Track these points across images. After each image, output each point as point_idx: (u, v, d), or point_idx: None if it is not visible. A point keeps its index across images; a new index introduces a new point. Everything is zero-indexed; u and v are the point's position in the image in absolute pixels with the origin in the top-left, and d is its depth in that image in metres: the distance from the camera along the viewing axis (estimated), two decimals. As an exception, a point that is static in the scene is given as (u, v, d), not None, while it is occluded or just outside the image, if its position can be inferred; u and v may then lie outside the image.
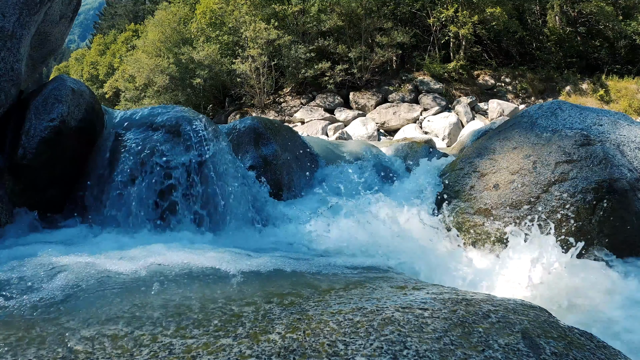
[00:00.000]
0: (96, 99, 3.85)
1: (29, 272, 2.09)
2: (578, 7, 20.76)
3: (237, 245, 3.10)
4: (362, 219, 3.84)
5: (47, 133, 3.27)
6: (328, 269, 2.42)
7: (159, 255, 2.52)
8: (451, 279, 2.88)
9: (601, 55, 20.61)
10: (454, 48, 19.76)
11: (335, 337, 1.28)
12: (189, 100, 21.50)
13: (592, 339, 1.43)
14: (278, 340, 1.27)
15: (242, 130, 4.35)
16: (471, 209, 3.76)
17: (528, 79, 19.65)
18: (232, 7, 20.34)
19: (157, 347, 1.28)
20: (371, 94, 19.09)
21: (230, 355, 1.19)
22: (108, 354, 1.25)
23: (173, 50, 21.91)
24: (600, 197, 3.40)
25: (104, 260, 2.30)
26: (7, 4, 3.17)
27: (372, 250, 3.13)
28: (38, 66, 3.94)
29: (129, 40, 30.44)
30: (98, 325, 1.47)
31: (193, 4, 23.83)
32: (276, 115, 19.26)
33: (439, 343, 1.26)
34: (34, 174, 3.28)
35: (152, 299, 1.76)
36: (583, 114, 3.95)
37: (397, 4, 20.29)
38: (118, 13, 40.98)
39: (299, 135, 5.01)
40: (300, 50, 18.97)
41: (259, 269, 2.29)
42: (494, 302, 1.57)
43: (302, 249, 3.16)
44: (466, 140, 5.92)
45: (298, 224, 3.72)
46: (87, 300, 1.75)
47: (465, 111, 17.08)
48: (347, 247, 3.23)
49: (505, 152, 3.88)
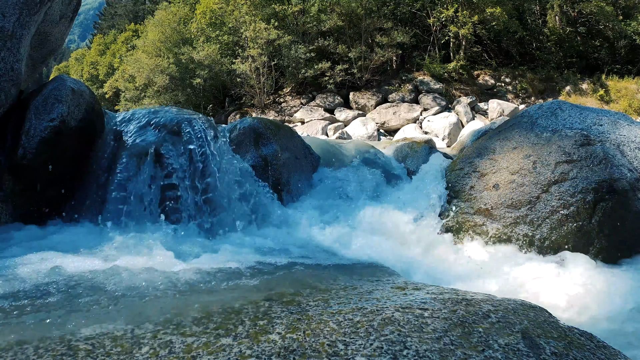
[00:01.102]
0: (96, 99, 3.85)
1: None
2: (578, 7, 20.75)
3: (237, 244, 3.10)
4: (361, 219, 3.84)
5: (47, 133, 3.27)
6: (328, 268, 2.42)
7: (159, 255, 2.52)
8: (451, 279, 2.88)
9: (601, 55, 20.60)
10: (454, 48, 19.75)
11: (335, 337, 1.28)
12: (189, 100, 21.50)
13: (592, 339, 1.43)
14: (278, 340, 1.26)
15: (242, 130, 4.35)
16: (471, 209, 3.76)
17: (528, 79, 19.64)
18: (232, 7, 20.33)
19: (157, 344, 1.28)
20: (371, 94, 19.09)
21: (230, 355, 1.19)
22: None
23: (173, 50, 21.90)
24: (600, 197, 3.40)
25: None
26: (7, 4, 3.17)
27: (372, 251, 3.13)
28: (38, 66, 3.94)
29: (129, 40, 30.43)
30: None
31: (193, 4, 23.82)
32: (276, 115, 19.26)
33: (439, 343, 1.25)
34: (34, 174, 3.28)
35: (152, 304, 1.76)
36: (583, 114, 3.95)
37: (397, 4, 20.28)
38: (118, 13, 40.98)
39: (299, 135, 5.01)
40: (300, 50, 18.97)
41: (260, 268, 2.29)
42: (494, 302, 1.57)
43: (301, 249, 3.16)
44: (466, 140, 5.92)
45: (298, 224, 3.72)
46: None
47: (465, 111, 17.08)
48: (347, 247, 3.23)
49: (505, 152, 3.88)
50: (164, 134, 3.54)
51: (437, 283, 2.24)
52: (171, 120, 3.64)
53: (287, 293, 1.79)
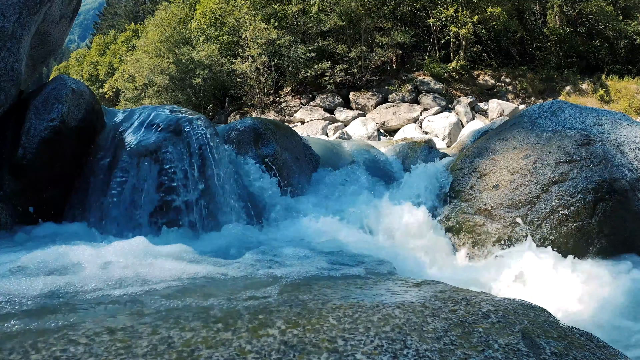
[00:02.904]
0: (96, 99, 3.85)
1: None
2: (578, 7, 20.75)
3: (237, 244, 3.10)
4: (362, 218, 3.84)
5: (47, 133, 3.27)
6: (328, 266, 2.42)
7: (156, 257, 2.53)
8: (451, 278, 2.88)
9: (601, 55, 20.60)
10: (454, 48, 19.75)
11: (335, 333, 1.28)
12: (189, 100, 21.49)
13: (592, 339, 1.43)
14: (278, 335, 1.26)
15: (242, 130, 4.35)
16: (471, 209, 3.76)
17: (528, 79, 19.65)
18: (232, 7, 20.33)
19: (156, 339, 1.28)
20: (371, 94, 19.08)
21: (230, 350, 1.19)
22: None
23: (173, 50, 21.90)
24: (600, 197, 3.40)
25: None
26: (7, 4, 3.17)
27: (373, 249, 3.13)
28: (38, 66, 3.94)
29: (129, 40, 30.44)
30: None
31: (193, 4, 23.82)
32: (276, 115, 19.26)
33: (439, 343, 1.26)
34: (34, 174, 3.28)
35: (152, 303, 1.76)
36: (583, 114, 3.95)
37: (397, 4, 20.27)
38: (118, 13, 40.99)
39: (299, 135, 5.01)
40: (300, 50, 18.96)
41: (259, 265, 2.29)
42: (494, 302, 1.57)
43: (301, 247, 3.16)
44: (466, 140, 5.92)
45: (298, 223, 3.72)
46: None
47: (465, 111, 17.08)
48: (348, 245, 3.23)
49: (505, 152, 3.88)
50: (164, 134, 3.54)
51: (437, 282, 2.24)
52: (171, 120, 3.64)
53: (288, 290, 1.79)
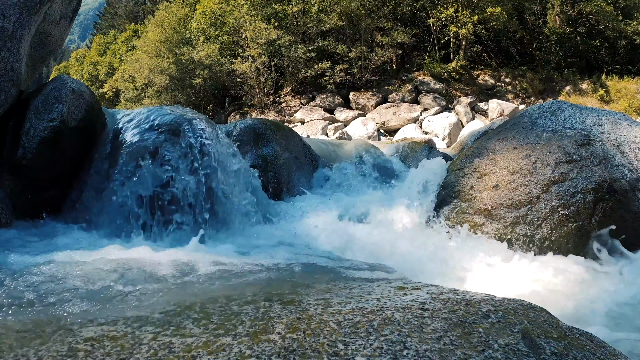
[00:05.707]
0: (96, 99, 3.85)
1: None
2: (578, 7, 20.75)
3: (238, 243, 3.10)
4: (361, 218, 3.84)
5: (47, 133, 3.27)
6: (327, 268, 2.42)
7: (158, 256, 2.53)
8: (450, 279, 2.88)
9: (601, 55, 20.60)
10: (454, 48, 19.75)
11: (335, 337, 1.28)
12: (189, 100, 21.50)
13: (592, 339, 1.43)
14: (278, 340, 1.26)
15: (242, 130, 4.35)
16: (471, 209, 3.76)
17: (528, 79, 19.65)
18: (232, 7, 20.34)
19: (156, 344, 1.28)
20: (371, 94, 19.08)
21: (230, 355, 1.19)
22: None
23: (173, 50, 21.90)
24: (600, 197, 3.40)
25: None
26: (7, 4, 3.17)
27: (372, 251, 3.13)
28: (38, 66, 3.94)
29: (129, 41, 30.43)
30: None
31: (193, 4, 23.82)
32: (276, 115, 19.26)
33: (439, 343, 1.26)
34: (34, 174, 3.28)
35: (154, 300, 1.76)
36: (583, 114, 3.95)
37: (397, 4, 20.27)
38: (118, 13, 40.96)
39: (299, 136, 5.02)
40: (300, 50, 18.97)
41: (260, 266, 2.29)
42: (494, 302, 1.57)
43: (301, 248, 3.16)
44: (466, 140, 5.93)
45: (298, 223, 3.72)
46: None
47: (465, 111, 17.08)
48: (347, 247, 3.23)
49: (505, 152, 3.88)
50: (164, 134, 3.54)
51: (436, 283, 2.24)
52: (171, 120, 3.64)
53: (287, 292, 1.79)
